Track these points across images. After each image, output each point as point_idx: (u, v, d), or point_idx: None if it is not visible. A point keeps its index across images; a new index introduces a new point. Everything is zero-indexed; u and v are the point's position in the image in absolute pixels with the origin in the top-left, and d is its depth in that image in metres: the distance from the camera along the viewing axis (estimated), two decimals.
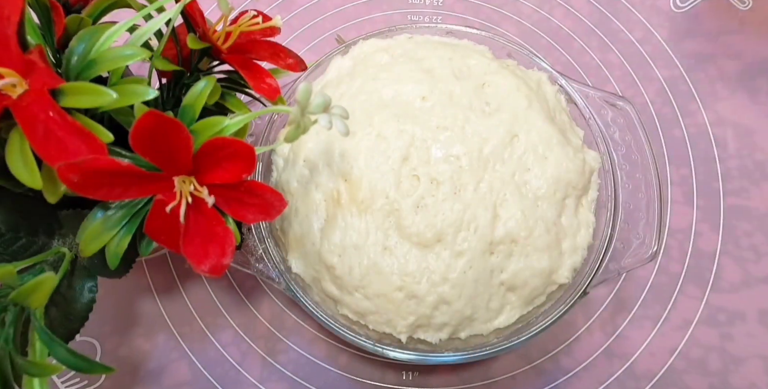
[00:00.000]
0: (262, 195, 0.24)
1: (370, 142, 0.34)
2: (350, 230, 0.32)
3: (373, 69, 0.37)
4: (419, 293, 0.32)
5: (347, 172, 0.33)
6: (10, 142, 0.20)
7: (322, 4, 0.52)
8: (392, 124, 0.34)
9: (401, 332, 0.32)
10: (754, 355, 0.41)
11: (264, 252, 0.34)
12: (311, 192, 0.34)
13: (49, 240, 0.27)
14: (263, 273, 0.34)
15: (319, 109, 0.23)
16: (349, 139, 0.34)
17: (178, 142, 0.21)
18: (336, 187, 0.33)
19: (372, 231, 0.32)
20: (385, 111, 0.35)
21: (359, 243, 0.32)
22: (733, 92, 0.49)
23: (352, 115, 0.27)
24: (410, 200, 0.32)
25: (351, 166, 0.33)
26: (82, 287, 0.27)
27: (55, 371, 0.21)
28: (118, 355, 0.40)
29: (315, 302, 0.35)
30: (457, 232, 0.32)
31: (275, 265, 0.34)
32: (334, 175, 0.34)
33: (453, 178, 0.33)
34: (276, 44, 0.31)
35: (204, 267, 0.23)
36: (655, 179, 0.35)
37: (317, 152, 0.34)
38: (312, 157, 0.34)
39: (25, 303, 0.22)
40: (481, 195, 0.33)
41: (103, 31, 0.23)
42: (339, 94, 0.37)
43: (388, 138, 0.34)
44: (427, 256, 0.32)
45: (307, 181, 0.34)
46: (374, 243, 0.32)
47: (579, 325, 0.42)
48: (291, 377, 0.40)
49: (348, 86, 0.37)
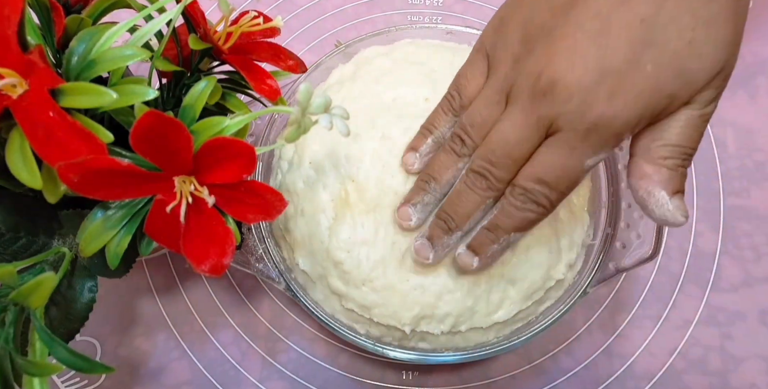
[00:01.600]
0: (262, 195, 0.24)
1: (375, 142, 0.34)
2: (359, 227, 0.33)
3: (375, 73, 0.38)
4: (425, 282, 0.32)
5: (354, 173, 0.34)
6: (10, 142, 0.20)
7: (321, 4, 0.52)
8: (397, 124, 0.35)
9: (405, 324, 0.33)
10: (754, 355, 0.41)
11: (264, 252, 0.34)
12: (318, 192, 0.34)
13: (49, 240, 0.27)
14: (263, 273, 0.34)
15: (319, 109, 0.23)
16: (354, 141, 0.34)
17: (178, 141, 0.21)
18: (343, 187, 0.34)
19: (381, 226, 0.33)
20: (389, 113, 0.35)
21: (368, 239, 0.33)
22: (733, 92, 0.49)
23: (355, 118, 0.27)
24: None
25: (357, 167, 0.34)
26: (82, 287, 0.27)
27: (55, 371, 0.21)
28: (118, 355, 0.40)
29: (316, 301, 0.35)
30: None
31: (275, 265, 0.34)
32: (341, 177, 0.34)
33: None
34: (277, 45, 0.31)
35: (204, 266, 0.23)
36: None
37: (322, 154, 0.35)
38: (318, 158, 0.35)
39: (25, 302, 0.22)
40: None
41: (103, 31, 0.23)
42: (341, 97, 0.37)
43: (393, 137, 0.34)
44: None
45: (314, 181, 0.35)
46: (383, 239, 0.33)
47: (579, 325, 0.42)
48: (291, 376, 0.40)
49: (349, 90, 0.37)
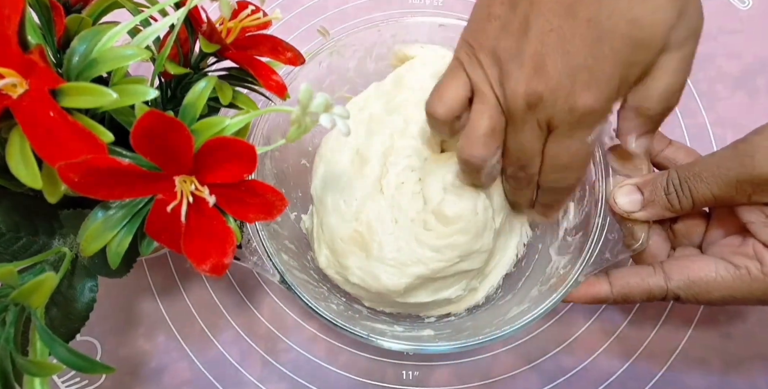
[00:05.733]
0: (263, 195, 0.24)
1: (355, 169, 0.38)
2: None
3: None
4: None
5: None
6: (10, 142, 0.20)
7: (322, 3, 0.52)
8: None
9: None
10: (754, 355, 0.41)
11: (258, 245, 0.34)
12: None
13: (49, 239, 0.27)
14: (258, 265, 0.34)
15: (320, 108, 0.23)
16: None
17: (179, 141, 0.21)
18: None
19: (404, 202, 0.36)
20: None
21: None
22: (734, 92, 0.49)
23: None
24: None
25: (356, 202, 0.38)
26: (82, 287, 0.27)
27: (56, 370, 0.21)
28: (119, 355, 0.40)
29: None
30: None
31: (269, 257, 0.34)
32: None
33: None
34: (274, 38, 0.31)
35: (205, 266, 0.23)
36: (645, 171, 0.35)
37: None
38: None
39: (26, 302, 0.22)
40: None
41: (105, 31, 0.23)
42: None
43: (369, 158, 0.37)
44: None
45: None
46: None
47: (579, 325, 0.42)
48: (291, 376, 0.40)
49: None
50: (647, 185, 0.31)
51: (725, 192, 0.28)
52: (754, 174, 0.27)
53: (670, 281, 0.31)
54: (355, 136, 0.39)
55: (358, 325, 0.34)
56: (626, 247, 0.33)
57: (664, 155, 0.35)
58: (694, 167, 0.29)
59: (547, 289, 0.35)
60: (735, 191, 0.28)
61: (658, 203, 0.31)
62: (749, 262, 0.29)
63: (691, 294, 0.30)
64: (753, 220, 0.29)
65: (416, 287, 0.37)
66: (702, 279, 0.30)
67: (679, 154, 0.34)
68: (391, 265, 0.35)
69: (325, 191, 0.38)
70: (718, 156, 0.29)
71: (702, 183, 0.29)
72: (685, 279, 0.30)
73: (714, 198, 0.29)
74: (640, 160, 0.33)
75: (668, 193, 0.30)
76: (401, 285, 0.35)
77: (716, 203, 0.29)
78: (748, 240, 0.30)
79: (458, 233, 0.35)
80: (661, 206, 0.31)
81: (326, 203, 0.38)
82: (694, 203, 0.30)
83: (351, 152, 0.39)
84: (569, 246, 0.37)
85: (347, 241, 0.37)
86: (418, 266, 0.35)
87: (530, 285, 0.38)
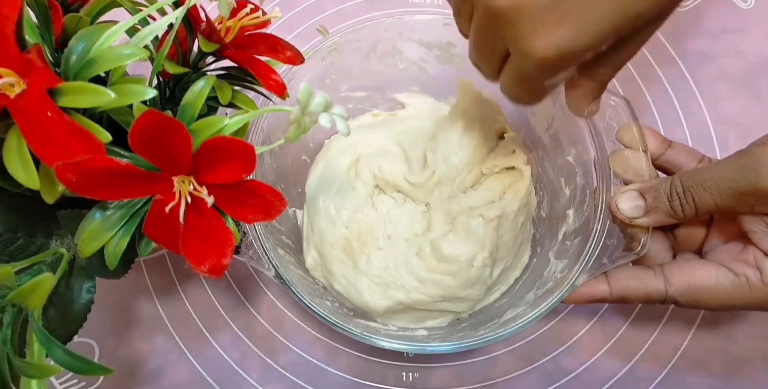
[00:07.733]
0: (262, 195, 0.24)
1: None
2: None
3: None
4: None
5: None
6: (7, 142, 0.20)
7: (321, 3, 0.52)
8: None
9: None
10: (756, 356, 0.40)
11: (254, 240, 0.34)
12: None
13: (47, 240, 0.27)
14: (253, 259, 0.34)
15: (319, 108, 0.22)
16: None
17: (177, 141, 0.21)
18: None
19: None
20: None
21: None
22: (736, 91, 0.49)
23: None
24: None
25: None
26: (80, 288, 0.27)
27: (53, 372, 0.21)
28: (117, 356, 0.40)
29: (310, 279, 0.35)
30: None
31: (265, 252, 0.34)
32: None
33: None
34: (273, 36, 0.30)
35: (204, 267, 0.23)
36: (647, 176, 0.35)
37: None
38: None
39: (23, 303, 0.22)
40: None
41: (103, 30, 0.23)
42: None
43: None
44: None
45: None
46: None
47: (580, 326, 0.42)
48: (290, 378, 0.40)
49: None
50: (650, 191, 0.31)
51: (728, 202, 0.28)
52: (758, 187, 0.27)
53: (669, 286, 0.31)
54: (363, 146, 0.38)
55: (351, 323, 0.34)
56: (627, 251, 0.33)
57: (665, 158, 0.34)
58: (697, 176, 0.29)
59: (543, 293, 0.35)
60: (738, 202, 0.28)
61: (660, 210, 0.31)
62: (749, 270, 0.29)
63: (689, 299, 0.30)
64: (755, 229, 0.29)
65: (398, 312, 0.36)
66: (701, 285, 0.30)
67: (680, 157, 0.34)
68: (375, 283, 0.35)
69: (318, 192, 0.38)
70: (722, 167, 0.29)
71: (706, 192, 0.29)
72: (684, 284, 0.30)
73: (717, 208, 0.29)
74: (641, 165, 0.33)
75: (671, 200, 0.30)
76: (382, 306, 0.35)
77: (719, 212, 0.29)
78: (749, 248, 0.30)
79: (447, 274, 0.34)
80: (664, 213, 0.31)
81: (317, 205, 0.38)
82: (697, 212, 0.29)
83: (351, 158, 0.39)
84: (568, 250, 0.36)
85: (336, 247, 0.36)
86: (400, 291, 0.35)
87: (527, 288, 0.38)
